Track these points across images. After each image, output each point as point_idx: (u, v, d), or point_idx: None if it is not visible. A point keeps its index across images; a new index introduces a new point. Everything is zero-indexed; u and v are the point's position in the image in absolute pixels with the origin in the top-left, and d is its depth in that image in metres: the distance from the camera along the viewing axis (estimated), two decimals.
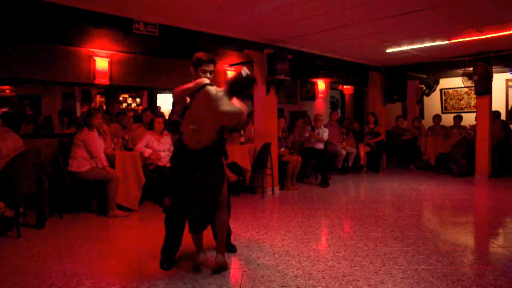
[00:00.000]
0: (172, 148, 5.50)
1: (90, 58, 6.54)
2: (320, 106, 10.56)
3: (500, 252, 3.37)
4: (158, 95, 8.59)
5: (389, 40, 6.33)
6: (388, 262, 3.10)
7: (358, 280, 2.76)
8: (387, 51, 6.97)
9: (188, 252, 3.33)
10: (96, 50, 6.57)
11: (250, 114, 6.81)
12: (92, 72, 6.56)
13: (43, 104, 8.65)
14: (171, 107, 3.14)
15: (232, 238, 3.76)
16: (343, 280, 2.76)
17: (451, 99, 10.48)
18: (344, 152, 7.91)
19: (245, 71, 2.70)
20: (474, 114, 8.18)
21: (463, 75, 7.61)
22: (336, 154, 7.87)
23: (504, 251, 3.38)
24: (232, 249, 3.43)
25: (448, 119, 9.31)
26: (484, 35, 5.85)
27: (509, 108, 9.40)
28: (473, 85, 7.46)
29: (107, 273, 2.92)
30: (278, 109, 6.76)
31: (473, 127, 8.00)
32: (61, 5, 4.18)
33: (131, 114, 7.72)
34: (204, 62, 2.84)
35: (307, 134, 7.21)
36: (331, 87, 11.16)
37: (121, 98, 9.46)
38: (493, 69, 7.42)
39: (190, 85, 2.74)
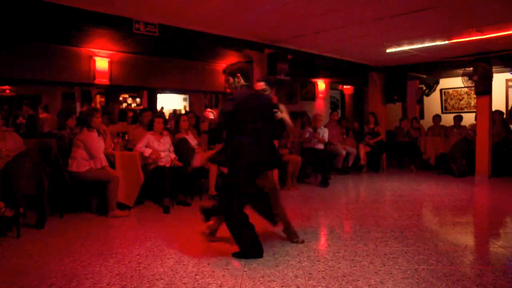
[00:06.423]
0: (172, 148, 5.52)
1: (90, 58, 6.55)
2: (320, 106, 10.54)
3: (500, 252, 3.37)
4: (158, 95, 8.59)
5: (389, 40, 6.33)
6: (388, 262, 3.10)
7: (358, 280, 2.76)
8: (387, 51, 6.96)
9: (188, 254, 3.34)
10: (96, 50, 6.57)
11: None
12: (92, 72, 6.56)
13: (43, 104, 8.63)
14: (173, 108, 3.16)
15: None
16: (343, 280, 2.76)
17: (451, 99, 10.47)
18: (344, 152, 7.90)
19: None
20: (474, 114, 8.18)
21: (463, 75, 7.60)
22: (336, 154, 7.87)
23: (504, 251, 3.38)
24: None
25: (448, 119, 9.30)
26: (484, 35, 5.85)
27: (509, 108, 9.39)
28: (473, 85, 7.46)
29: (107, 273, 2.92)
30: None
31: (473, 127, 7.99)
32: (61, 5, 4.19)
33: (131, 114, 7.72)
34: None
35: (307, 135, 7.19)
36: (331, 87, 11.14)
37: (121, 98, 9.45)
38: (493, 69, 7.42)
39: None
